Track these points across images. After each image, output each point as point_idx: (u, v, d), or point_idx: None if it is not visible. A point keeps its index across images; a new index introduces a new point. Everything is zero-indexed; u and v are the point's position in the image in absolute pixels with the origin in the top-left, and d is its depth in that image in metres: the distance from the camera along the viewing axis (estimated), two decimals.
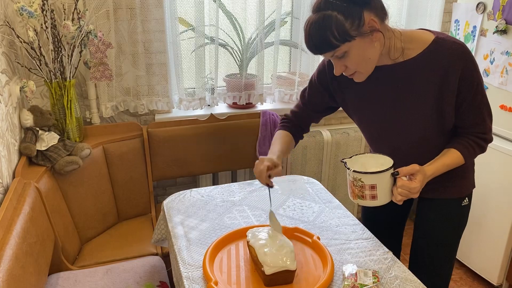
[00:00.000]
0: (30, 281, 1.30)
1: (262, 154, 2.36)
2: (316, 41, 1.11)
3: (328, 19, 1.07)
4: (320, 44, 1.11)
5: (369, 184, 1.17)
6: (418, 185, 1.15)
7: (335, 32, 1.08)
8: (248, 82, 2.33)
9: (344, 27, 1.08)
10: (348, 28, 1.08)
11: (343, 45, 1.10)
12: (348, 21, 1.08)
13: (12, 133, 1.74)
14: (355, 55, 1.13)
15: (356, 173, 1.17)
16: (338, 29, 1.08)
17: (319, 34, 1.09)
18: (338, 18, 1.07)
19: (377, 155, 1.27)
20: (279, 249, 1.18)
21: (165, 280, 1.66)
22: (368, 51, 1.14)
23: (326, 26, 1.08)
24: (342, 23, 1.07)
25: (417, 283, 1.18)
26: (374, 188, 1.17)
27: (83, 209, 1.96)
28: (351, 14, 1.08)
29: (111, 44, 1.98)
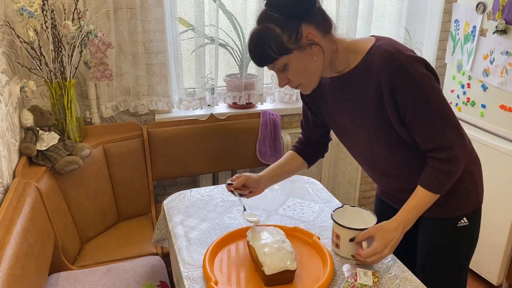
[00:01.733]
0: (30, 281, 1.30)
1: (262, 154, 2.37)
2: (256, 54, 1.12)
3: (266, 32, 1.07)
4: (259, 57, 1.12)
5: (335, 232, 1.29)
6: (380, 245, 1.14)
7: (272, 45, 1.07)
8: (248, 82, 2.33)
9: (281, 40, 1.07)
10: (285, 41, 1.07)
11: (281, 58, 1.10)
12: (285, 35, 1.07)
13: (12, 133, 1.74)
14: (294, 68, 1.12)
15: (332, 218, 1.29)
16: (275, 42, 1.07)
17: (258, 47, 1.10)
18: (276, 31, 1.06)
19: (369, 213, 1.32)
20: (279, 249, 1.18)
21: (165, 280, 1.66)
22: (308, 64, 1.13)
23: (264, 39, 1.08)
24: (279, 36, 1.07)
25: (417, 283, 1.18)
26: (338, 237, 1.28)
27: (83, 209, 1.96)
28: (288, 28, 1.07)
29: (111, 44, 1.98)
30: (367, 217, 1.32)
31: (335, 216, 1.29)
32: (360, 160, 1.38)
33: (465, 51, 2.29)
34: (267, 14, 1.08)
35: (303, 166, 1.48)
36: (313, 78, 1.16)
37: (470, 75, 2.25)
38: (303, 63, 1.12)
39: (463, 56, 2.31)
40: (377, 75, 1.11)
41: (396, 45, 1.11)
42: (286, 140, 2.43)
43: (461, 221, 1.28)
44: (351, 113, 1.24)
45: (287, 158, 1.47)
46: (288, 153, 1.49)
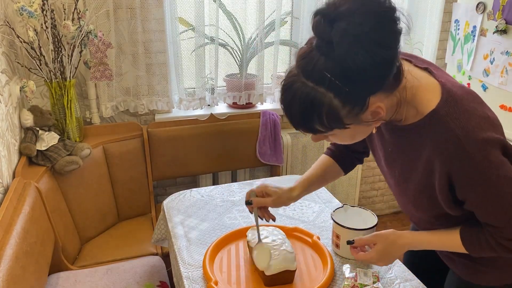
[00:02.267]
0: (30, 281, 1.30)
1: (262, 154, 2.37)
2: (296, 120, 0.86)
3: (319, 100, 0.80)
4: (300, 125, 0.87)
5: (335, 232, 1.29)
6: (377, 256, 1.05)
7: (324, 119, 0.81)
8: (248, 82, 2.33)
9: (338, 115, 0.81)
10: (342, 117, 0.82)
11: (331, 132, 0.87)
12: (345, 109, 0.80)
13: (12, 133, 1.74)
14: (341, 137, 0.91)
15: (332, 218, 1.28)
16: (329, 116, 0.81)
17: (303, 115, 0.84)
18: (333, 103, 0.79)
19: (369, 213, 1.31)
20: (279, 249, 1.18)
21: (165, 280, 1.66)
22: (360, 135, 0.92)
23: (313, 108, 0.81)
24: (336, 110, 0.80)
25: (417, 282, 1.18)
26: (338, 237, 1.27)
27: (83, 209, 1.96)
28: (352, 101, 0.80)
29: (111, 44, 1.98)
30: (367, 217, 1.32)
31: (335, 216, 1.29)
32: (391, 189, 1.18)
33: (465, 51, 2.29)
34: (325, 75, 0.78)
35: (339, 174, 1.30)
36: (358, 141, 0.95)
37: (470, 75, 2.25)
38: (355, 134, 0.90)
39: (463, 56, 2.31)
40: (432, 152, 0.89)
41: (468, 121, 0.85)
42: (286, 140, 2.43)
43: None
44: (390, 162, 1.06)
45: (323, 165, 1.27)
46: (322, 158, 1.29)
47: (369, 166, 2.82)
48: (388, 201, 3.00)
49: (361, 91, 0.80)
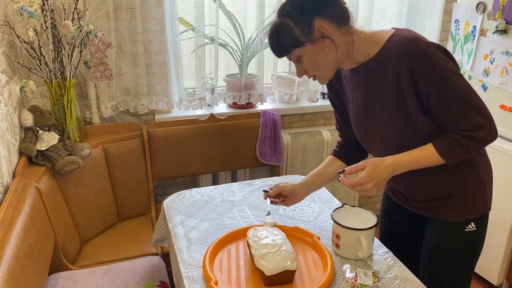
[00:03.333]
0: (30, 281, 1.30)
1: (262, 154, 2.37)
2: (273, 45, 1.18)
3: (282, 25, 1.13)
4: (276, 48, 1.18)
5: (335, 232, 1.29)
6: (367, 176, 1.12)
7: (286, 39, 1.13)
8: (248, 82, 2.33)
9: (293, 33, 1.12)
10: (297, 35, 1.12)
11: (295, 50, 1.15)
12: (297, 28, 1.12)
13: (12, 133, 1.74)
14: (307, 60, 1.17)
15: (332, 218, 1.30)
16: (289, 36, 1.13)
17: (275, 40, 1.16)
18: (290, 25, 1.12)
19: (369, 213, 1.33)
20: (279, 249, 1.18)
21: (165, 280, 1.66)
22: (321, 56, 1.16)
23: (279, 32, 1.14)
24: (292, 30, 1.12)
25: (417, 283, 1.18)
26: (338, 237, 1.28)
27: (83, 209, 1.96)
28: (300, 22, 1.12)
29: (111, 44, 1.98)
30: (367, 217, 1.32)
31: (335, 216, 1.29)
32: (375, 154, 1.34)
33: (465, 51, 2.29)
34: (285, 8, 1.13)
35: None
36: (327, 70, 1.20)
37: (470, 75, 2.25)
38: (316, 55, 1.16)
39: (463, 56, 2.31)
40: (396, 62, 1.11)
41: (416, 34, 1.12)
42: (286, 140, 2.43)
43: (468, 226, 1.26)
44: (369, 104, 1.24)
45: (326, 163, 1.46)
46: (327, 158, 1.47)
47: None
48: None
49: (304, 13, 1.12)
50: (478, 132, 1.11)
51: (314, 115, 2.60)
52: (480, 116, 1.11)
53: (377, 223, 1.27)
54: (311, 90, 2.47)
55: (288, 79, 2.45)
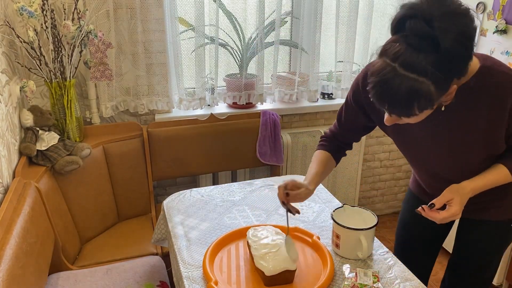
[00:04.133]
0: (30, 281, 1.30)
1: (262, 154, 2.36)
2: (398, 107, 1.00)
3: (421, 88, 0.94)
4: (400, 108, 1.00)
5: (335, 232, 1.29)
6: (457, 208, 1.12)
7: (422, 102, 0.96)
8: (248, 82, 2.33)
9: (432, 99, 0.96)
10: (434, 99, 0.97)
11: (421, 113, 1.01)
12: (437, 93, 0.96)
13: (12, 133, 1.74)
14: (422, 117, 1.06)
15: (332, 218, 1.29)
16: (426, 100, 0.96)
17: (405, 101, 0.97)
18: (431, 90, 0.95)
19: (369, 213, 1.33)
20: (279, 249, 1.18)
21: (165, 280, 1.66)
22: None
23: (416, 96, 0.95)
24: (432, 96, 0.95)
25: (417, 282, 1.18)
26: (338, 237, 1.28)
27: (83, 209, 1.96)
28: (442, 86, 0.97)
29: (111, 44, 1.98)
30: (367, 217, 1.32)
31: (335, 216, 1.29)
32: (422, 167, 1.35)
33: None
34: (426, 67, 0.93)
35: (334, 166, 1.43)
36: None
37: None
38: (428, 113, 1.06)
39: None
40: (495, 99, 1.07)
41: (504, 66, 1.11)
42: (286, 140, 2.43)
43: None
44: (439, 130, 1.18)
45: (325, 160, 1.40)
46: (321, 154, 1.41)
47: (369, 166, 2.82)
48: (388, 201, 3.00)
49: (452, 77, 0.98)
50: None
51: (314, 115, 2.60)
52: None
53: (377, 223, 1.27)
54: (311, 90, 2.47)
55: (288, 79, 2.45)
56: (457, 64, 0.96)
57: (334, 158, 1.42)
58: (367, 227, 1.24)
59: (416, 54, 0.93)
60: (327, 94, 2.57)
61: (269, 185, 1.74)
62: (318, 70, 2.43)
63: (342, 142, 1.43)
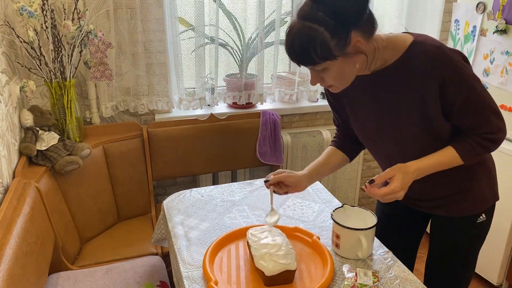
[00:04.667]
0: (30, 281, 1.30)
1: (262, 154, 2.36)
2: (297, 53, 1.06)
3: (313, 34, 1.01)
4: (300, 56, 1.06)
5: (335, 231, 1.29)
6: (399, 185, 1.13)
7: (318, 49, 1.02)
8: (248, 82, 2.33)
9: (328, 46, 1.01)
10: (332, 48, 1.02)
11: (324, 62, 1.05)
12: (333, 41, 1.01)
13: (12, 133, 1.74)
14: (334, 72, 1.09)
15: (332, 218, 1.29)
16: (322, 47, 1.01)
17: (301, 47, 1.04)
18: (324, 35, 1.00)
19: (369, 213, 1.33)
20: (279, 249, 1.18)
21: (165, 280, 1.66)
22: (348, 69, 1.10)
23: (310, 41, 1.01)
24: (327, 42, 1.01)
25: (417, 283, 1.18)
26: (338, 237, 1.28)
27: (83, 209, 1.96)
28: (338, 34, 1.01)
29: (111, 44, 1.98)
30: (367, 217, 1.32)
31: (335, 216, 1.29)
32: (382, 158, 1.37)
33: (465, 51, 2.28)
34: (317, 14, 1.00)
35: (344, 161, 1.44)
36: (346, 82, 1.14)
37: None
38: (343, 69, 1.09)
39: None
40: (425, 70, 1.09)
41: (438, 42, 1.12)
42: (286, 140, 2.43)
43: (480, 217, 1.31)
44: (381, 110, 1.22)
45: (327, 154, 1.45)
46: (328, 149, 1.46)
47: (369, 166, 2.82)
48: None
49: (344, 24, 1.01)
50: (498, 134, 1.17)
51: (314, 115, 2.60)
52: (499, 119, 1.17)
53: (377, 223, 1.27)
54: (311, 90, 2.47)
55: (288, 79, 2.45)
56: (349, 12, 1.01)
57: (344, 151, 1.43)
58: (367, 227, 1.24)
59: (315, 5, 1.01)
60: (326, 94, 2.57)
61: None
62: None
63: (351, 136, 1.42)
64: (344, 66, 1.08)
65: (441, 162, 1.18)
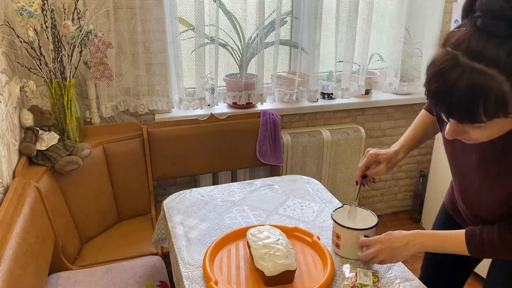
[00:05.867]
0: (30, 281, 1.30)
1: (262, 154, 2.37)
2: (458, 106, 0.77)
3: (489, 83, 0.73)
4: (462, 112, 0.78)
5: (335, 232, 1.30)
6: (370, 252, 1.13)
7: (490, 105, 0.74)
8: (248, 82, 2.33)
9: (506, 100, 0.74)
10: (508, 101, 0.74)
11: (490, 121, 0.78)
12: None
13: (12, 133, 1.74)
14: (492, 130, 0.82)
15: (332, 218, 1.30)
16: (497, 102, 0.74)
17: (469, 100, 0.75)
18: (503, 87, 0.73)
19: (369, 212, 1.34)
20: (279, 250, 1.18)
21: (165, 280, 1.66)
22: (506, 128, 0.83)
23: (480, 93, 0.73)
24: (505, 96, 0.73)
25: (417, 282, 1.18)
26: (338, 237, 1.28)
27: (83, 209, 1.96)
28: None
29: (111, 44, 1.98)
30: (367, 217, 1.32)
31: (335, 216, 1.29)
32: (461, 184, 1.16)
33: None
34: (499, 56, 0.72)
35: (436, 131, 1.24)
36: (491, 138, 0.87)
37: None
38: (504, 127, 0.82)
39: None
40: None
41: None
42: (286, 140, 2.43)
43: None
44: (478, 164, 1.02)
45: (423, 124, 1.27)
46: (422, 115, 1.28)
47: None
48: (388, 201, 3.00)
49: None
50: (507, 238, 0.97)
51: (314, 115, 2.60)
52: None
53: (377, 223, 1.27)
54: (311, 90, 2.47)
55: (288, 79, 2.45)
56: None
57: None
58: (367, 227, 1.24)
59: (485, 39, 0.73)
60: (327, 94, 2.57)
61: (269, 185, 1.74)
62: (318, 70, 2.43)
63: None
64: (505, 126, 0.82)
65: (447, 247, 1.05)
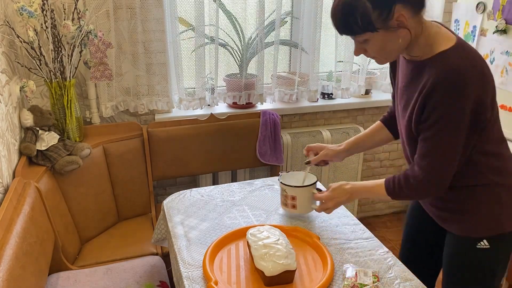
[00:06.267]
0: (30, 281, 1.30)
1: (262, 154, 2.36)
2: (339, 22, 1.08)
3: (357, 3, 1.02)
4: (342, 26, 1.09)
5: (290, 195, 1.42)
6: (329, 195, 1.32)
7: (359, 20, 1.03)
8: (248, 82, 2.33)
9: (369, 17, 1.02)
10: (373, 19, 1.03)
11: (365, 34, 1.06)
12: (375, 12, 1.02)
13: (12, 133, 1.74)
14: (375, 45, 1.09)
15: (282, 184, 1.43)
16: (363, 18, 1.03)
17: (343, 17, 1.06)
18: (366, 5, 1.01)
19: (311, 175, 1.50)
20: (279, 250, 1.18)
21: (165, 280, 1.66)
22: (389, 45, 1.09)
23: (351, 11, 1.03)
24: (368, 12, 1.02)
25: (417, 282, 1.18)
26: (294, 199, 1.41)
27: (83, 209, 1.96)
28: (380, 5, 1.02)
29: (111, 44, 1.98)
30: (306, 177, 1.48)
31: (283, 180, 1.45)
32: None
33: None
34: None
35: (388, 139, 1.46)
36: (389, 56, 1.15)
37: None
38: (385, 43, 1.08)
39: None
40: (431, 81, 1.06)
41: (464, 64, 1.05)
42: (286, 140, 2.43)
43: (480, 242, 1.21)
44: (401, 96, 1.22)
45: (373, 129, 1.48)
46: (375, 124, 1.48)
47: (369, 166, 2.82)
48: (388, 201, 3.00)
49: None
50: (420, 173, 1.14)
51: (314, 115, 2.60)
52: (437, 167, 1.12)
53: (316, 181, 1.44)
54: (311, 90, 2.47)
55: (288, 79, 2.45)
56: None
57: (389, 129, 1.45)
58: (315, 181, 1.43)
59: None
60: (327, 94, 2.57)
61: (269, 185, 1.74)
62: (318, 70, 2.43)
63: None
64: (386, 39, 1.07)
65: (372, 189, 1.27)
